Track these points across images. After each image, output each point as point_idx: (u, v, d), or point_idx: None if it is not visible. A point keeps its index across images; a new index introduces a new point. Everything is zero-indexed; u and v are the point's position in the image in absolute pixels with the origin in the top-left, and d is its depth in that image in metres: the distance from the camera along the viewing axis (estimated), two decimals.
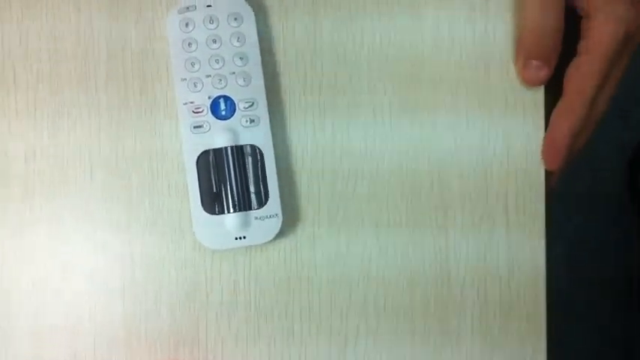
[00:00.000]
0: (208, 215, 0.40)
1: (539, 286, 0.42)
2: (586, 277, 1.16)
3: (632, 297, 1.16)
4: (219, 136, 0.40)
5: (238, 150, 0.40)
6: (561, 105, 0.40)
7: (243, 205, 0.40)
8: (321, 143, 0.42)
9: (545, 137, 0.41)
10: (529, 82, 0.41)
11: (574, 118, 0.40)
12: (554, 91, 0.41)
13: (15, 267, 0.41)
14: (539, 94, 0.42)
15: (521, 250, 0.42)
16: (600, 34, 0.38)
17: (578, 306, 1.16)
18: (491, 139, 0.42)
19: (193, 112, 0.40)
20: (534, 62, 0.40)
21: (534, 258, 0.42)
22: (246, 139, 0.40)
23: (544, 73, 0.40)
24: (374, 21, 0.42)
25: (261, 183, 0.40)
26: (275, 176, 0.40)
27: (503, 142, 0.42)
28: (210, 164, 0.40)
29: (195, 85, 0.40)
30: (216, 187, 0.40)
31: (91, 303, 0.41)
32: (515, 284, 0.42)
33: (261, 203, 0.40)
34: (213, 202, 0.40)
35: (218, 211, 0.40)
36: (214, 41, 0.40)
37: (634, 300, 1.16)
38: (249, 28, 0.40)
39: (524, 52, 0.40)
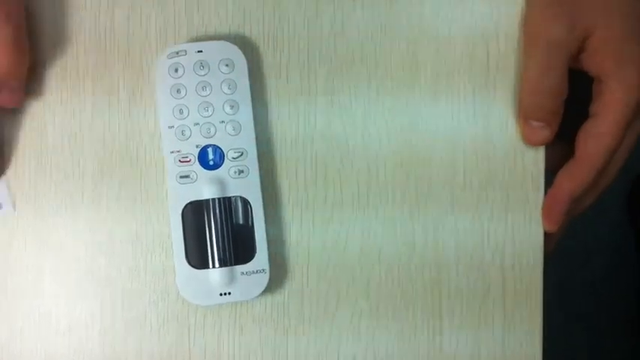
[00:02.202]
0: (192, 269, 0.38)
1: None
2: (582, 311, 1.14)
3: (633, 324, 1.15)
4: (206, 187, 0.38)
5: (226, 202, 0.38)
6: (568, 167, 0.39)
7: (229, 259, 0.38)
8: (311, 194, 0.40)
9: (546, 196, 0.40)
10: (529, 142, 0.39)
11: (579, 182, 0.38)
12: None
13: None
14: None
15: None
16: (612, 100, 0.37)
17: (575, 336, 1.15)
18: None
19: (180, 161, 0.38)
20: (534, 123, 0.39)
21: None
22: (234, 190, 0.38)
23: (545, 133, 0.39)
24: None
25: (248, 236, 0.38)
26: (263, 230, 0.38)
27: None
28: (196, 216, 0.38)
29: (182, 133, 0.38)
30: (202, 241, 0.38)
31: (69, 356, 0.40)
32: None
33: (248, 258, 0.38)
34: (197, 256, 0.38)
35: (203, 266, 0.38)
36: (204, 88, 0.38)
37: (635, 327, 1.15)
38: (241, 75, 0.39)
39: (524, 111, 0.39)
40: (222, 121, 0.38)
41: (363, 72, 0.40)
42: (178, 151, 0.38)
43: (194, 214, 0.38)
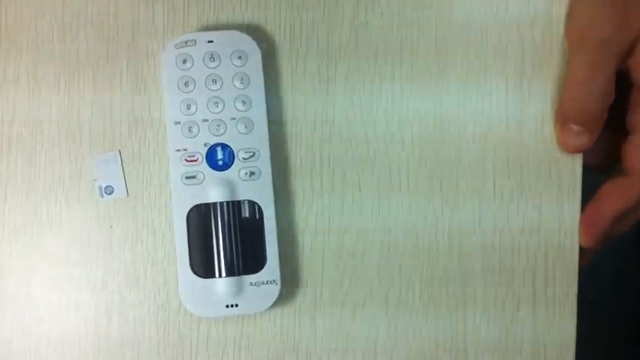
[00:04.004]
0: (197, 278, 0.35)
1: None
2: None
3: None
4: (213, 190, 0.35)
5: (235, 206, 0.35)
6: (618, 181, 0.36)
7: (236, 268, 0.35)
8: (327, 200, 0.37)
9: (587, 209, 0.37)
10: (566, 148, 0.36)
11: (628, 198, 0.35)
12: None
13: None
14: None
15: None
16: None
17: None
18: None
19: (186, 160, 0.35)
20: (574, 127, 0.36)
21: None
22: (244, 193, 0.35)
23: (584, 140, 0.36)
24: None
25: (258, 244, 0.35)
26: (275, 237, 0.35)
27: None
28: (202, 221, 0.35)
29: (190, 130, 0.35)
30: (208, 247, 0.35)
31: None
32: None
33: (258, 267, 0.35)
34: (203, 264, 0.35)
35: (208, 275, 0.35)
36: (214, 81, 0.35)
37: None
38: (255, 68, 0.36)
39: (563, 114, 0.36)
40: (233, 118, 0.35)
41: (387, 68, 0.37)
42: (185, 150, 0.35)
43: (200, 218, 0.35)
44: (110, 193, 0.37)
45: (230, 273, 0.35)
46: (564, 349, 0.37)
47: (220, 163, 0.35)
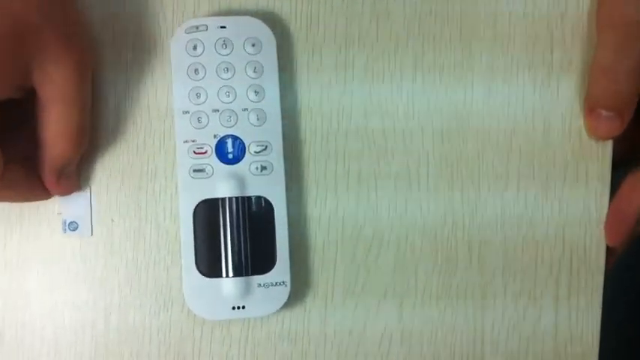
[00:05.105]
0: (203, 278, 0.33)
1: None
2: None
3: None
4: (222, 184, 0.33)
5: (244, 202, 0.33)
6: (637, 177, 0.35)
7: (245, 268, 0.33)
8: (342, 198, 0.35)
9: (610, 207, 0.35)
10: (596, 134, 0.35)
11: None
12: None
13: None
14: None
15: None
16: None
17: None
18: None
19: (194, 152, 0.33)
20: (604, 112, 0.34)
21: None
22: (254, 189, 0.33)
23: (614, 125, 0.34)
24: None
25: (268, 243, 0.33)
26: (286, 236, 0.34)
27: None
28: (210, 216, 0.33)
29: (199, 121, 0.33)
30: (215, 245, 0.33)
31: None
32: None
33: (267, 267, 0.33)
34: (209, 263, 0.33)
35: (214, 274, 0.33)
36: (226, 70, 0.34)
37: None
38: (269, 57, 0.34)
39: (592, 99, 0.35)
40: (245, 109, 0.33)
41: (408, 60, 0.35)
42: (193, 141, 0.33)
43: (207, 213, 0.33)
44: (74, 230, 0.35)
45: (237, 273, 0.33)
46: (586, 355, 0.36)
47: (230, 156, 0.33)
